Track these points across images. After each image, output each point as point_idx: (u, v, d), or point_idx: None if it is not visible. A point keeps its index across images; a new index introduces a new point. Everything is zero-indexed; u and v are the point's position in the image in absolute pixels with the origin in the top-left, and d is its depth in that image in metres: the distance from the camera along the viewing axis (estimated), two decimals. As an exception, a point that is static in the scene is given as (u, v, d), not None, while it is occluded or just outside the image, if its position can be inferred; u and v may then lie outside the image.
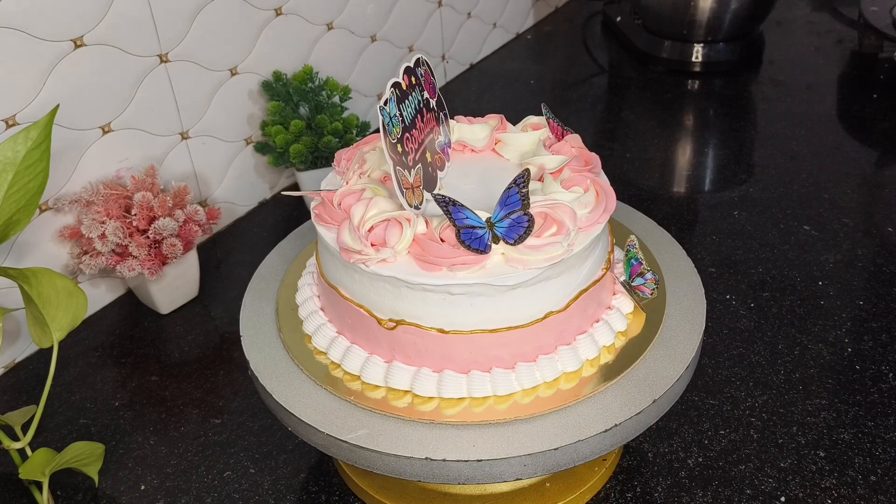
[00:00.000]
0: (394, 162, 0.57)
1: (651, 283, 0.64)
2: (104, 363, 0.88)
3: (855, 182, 1.09)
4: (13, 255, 0.85)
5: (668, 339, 0.63)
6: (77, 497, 0.73)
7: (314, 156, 1.02)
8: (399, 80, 0.61)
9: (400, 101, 0.61)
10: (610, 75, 1.49)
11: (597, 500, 0.70)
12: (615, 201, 0.62)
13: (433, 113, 0.67)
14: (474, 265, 0.57)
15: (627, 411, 0.58)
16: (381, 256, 0.58)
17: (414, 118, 0.62)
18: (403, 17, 1.25)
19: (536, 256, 0.56)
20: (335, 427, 0.58)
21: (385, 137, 0.57)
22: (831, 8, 1.60)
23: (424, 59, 0.66)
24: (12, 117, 0.81)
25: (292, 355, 0.64)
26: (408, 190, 0.58)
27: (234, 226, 1.09)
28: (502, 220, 0.57)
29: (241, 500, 0.72)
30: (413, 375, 0.60)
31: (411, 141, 0.61)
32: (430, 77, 0.67)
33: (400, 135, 0.59)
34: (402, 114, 0.60)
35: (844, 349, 0.83)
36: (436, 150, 0.66)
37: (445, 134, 0.69)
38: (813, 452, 0.72)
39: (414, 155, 0.61)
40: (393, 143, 0.58)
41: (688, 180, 1.17)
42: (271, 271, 0.73)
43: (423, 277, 0.57)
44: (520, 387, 0.60)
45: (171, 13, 0.92)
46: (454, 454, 0.56)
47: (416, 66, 0.65)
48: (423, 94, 0.65)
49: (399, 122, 0.60)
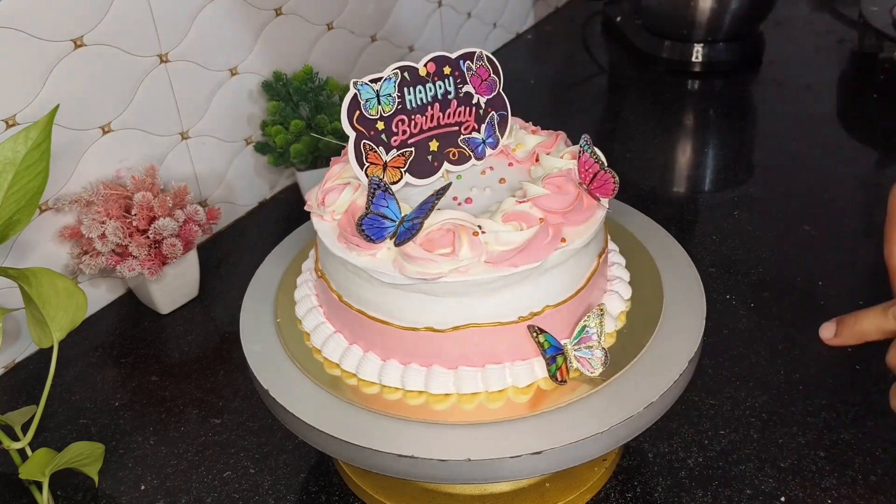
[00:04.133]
0: (358, 134, 0.60)
1: (599, 362, 0.59)
2: (104, 363, 0.88)
3: (855, 182, 1.09)
4: (13, 255, 0.85)
5: (667, 338, 0.63)
6: (77, 497, 0.74)
7: (314, 156, 1.02)
8: (418, 65, 0.62)
9: (407, 84, 0.62)
10: (610, 75, 1.49)
11: (597, 500, 0.70)
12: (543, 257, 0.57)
13: (473, 108, 0.66)
14: (364, 250, 0.58)
15: (627, 411, 0.58)
16: (318, 211, 0.62)
17: (425, 105, 0.63)
18: (403, 17, 1.25)
19: (412, 266, 0.56)
20: (335, 427, 0.58)
21: (354, 110, 0.60)
22: (831, 8, 1.60)
23: (487, 56, 0.66)
24: (12, 117, 0.81)
25: (292, 355, 0.64)
26: (375, 165, 0.61)
27: (234, 226, 1.09)
28: (407, 221, 0.57)
29: (241, 500, 0.72)
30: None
31: (406, 124, 0.62)
32: (488, 73, 0.66)
33: (389, 114, 0.61)
34: (405, 97, 0.62)
35: (844, 349, 0.82)
36: (457, 145, 0.65)
37: (490, 133, 0.67)
38: (813, 452, 0.72)
39: (404, 137, 0.62)
40: (371, 118, 0.61)
41: (688, 180, 1.17)
42: (271, 271, 0.73)
43: (336, 249, 0.60)
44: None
45: (171, 13, 0.92)
46: (455, 454, 0.56)
47: (463, 59, 0.64)
48: (460, 87, 0.64)
49: (394, 102, 0.61)
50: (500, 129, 0.68)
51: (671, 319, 0.65)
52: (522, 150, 0.68)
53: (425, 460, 0.56)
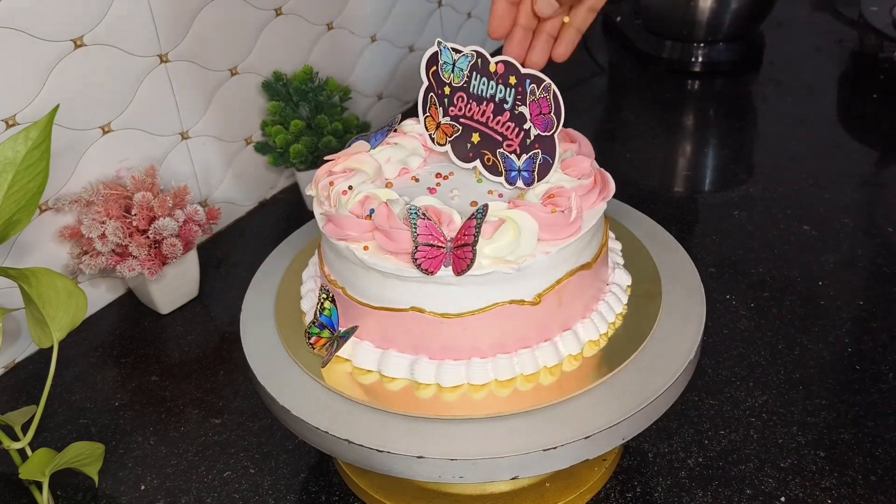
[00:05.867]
0: (430, 86, 0.61)
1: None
2: (104, 363, 0.88)
3: (855, 182, 1.09)
4: (13, 255, 0.85)
5: (667, 338, 0.63)
6: (77, 497, 0.74)
7: (314, 156, 1.02)
8: (490, 59, 0.61)
9: (478, 70, 0.62)
10: (610, 75, 1.49)
11: (597, 500, 0.70)
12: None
13: (524, 133, 0.61)
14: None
15: (626, 411, 0.58)
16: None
17: (483, 99, 0.62)
18: (403, 17, 1.25)
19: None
20: (336, 427, 0.58)
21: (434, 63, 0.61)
22: (831, 8, 1.60)
23: (554, 89, 0.59)
24: (12, 117, 0.81)
25: (292, 355, 0.64)
26: (431, 119, 0.61)
27: (234, 226, 1.09)
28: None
29: (241, 500, 0.72)
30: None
31: (464, 103, 0.63)
32: (550, 109, 0.59)
33: (459, 85, 0.62)
34: (472, 80, 0.62)
35: (844, 349, 0.83)
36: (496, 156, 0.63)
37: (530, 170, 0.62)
38: (813, 452, 0.72)
39: (459, 113, 0.63)
40: (443, 80, 0.61)
41: (688, 180, 1.17)
42: (271, 271, 0.73)
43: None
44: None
45: (171, 13, 0.92)
46: (457, 454, 0.56)
47: (528, 79, 0.60)
48: (518, 103, 0.61)
49: (463, 77, 0.62)
50: (540, 173, 0.61)
51: (671, 319, 0.65)
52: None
53: (427, 460, 0.56)
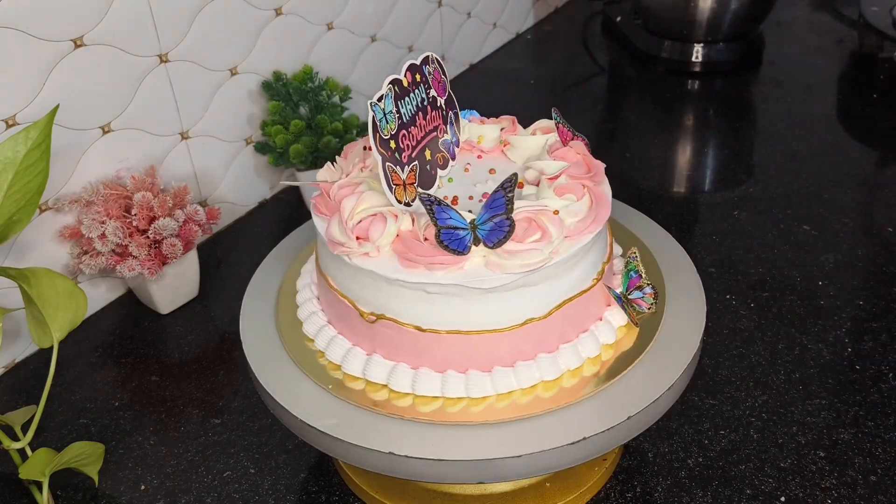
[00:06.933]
0: (383, 158, 0.58)
1: (650, 297, 0.64)
2: (104, 363, 0.88)
3: (855, 182, 1.09)
4: (13, 255, 0.85)
5: (668, 339, 0.63)
6: (77, 497, 0.74)
7: (314, 156, 1.02)
8: (400, 77, 0.61)
9: (399, 97, 0.61)
10: (610, 75, 1.49)
11: (597, 500, 0.70)
12: (608, 212, 0.61)
13: (439, 111, 0.66)
14: (452, 265, 0.57)
15: (627, 411, 0.58)
16: (363, 250, 0.58)
17: (414, 115, 0.62)
18: (403, 17, 1.25)
19: (514, 261, 0.56)
20: (335, 427, 0.58)
21: (375, 133, 0.57)
22: (831, 8, 1.60)
23: (436, 58, 0.66)
24: (12, 117, 0.81)
25: (292, 355, 0.64)
26: (398, 186, 0.58)
27: (234, 226, 1.09)
28: (485, 223, 0.56)
29: (241, 500, 0.72)
30: (390, 370, 0.61)
31: (408, 138, 0.61)
32: (441, 75, 0.67)
33: (395, 131, 0.59)
34: (400, 111, 0.60)
35: (844, 349, 0.83)
36: (439, 149, 0.66)
37: (454, 133, 0.68)
38: (813, 452, 0.72)
39: (410, 152, 0.61)
40: (385, 138, 0.58)
41: (688, 180, 1.17)
42: (271, 271, 0.73)
43: (401, 274, 0.57)
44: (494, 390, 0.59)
45: (171, 13, 0.92)
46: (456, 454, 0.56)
47: (423, 64, 0.64)
48: (428, 92, 0.64)
49: (395, 118, 0.60)
50: (456, 126, 0.69)
51: (671, 319, 0.65)
52: (486, 141, 0.70)
53: (427, 461, 0.56)
